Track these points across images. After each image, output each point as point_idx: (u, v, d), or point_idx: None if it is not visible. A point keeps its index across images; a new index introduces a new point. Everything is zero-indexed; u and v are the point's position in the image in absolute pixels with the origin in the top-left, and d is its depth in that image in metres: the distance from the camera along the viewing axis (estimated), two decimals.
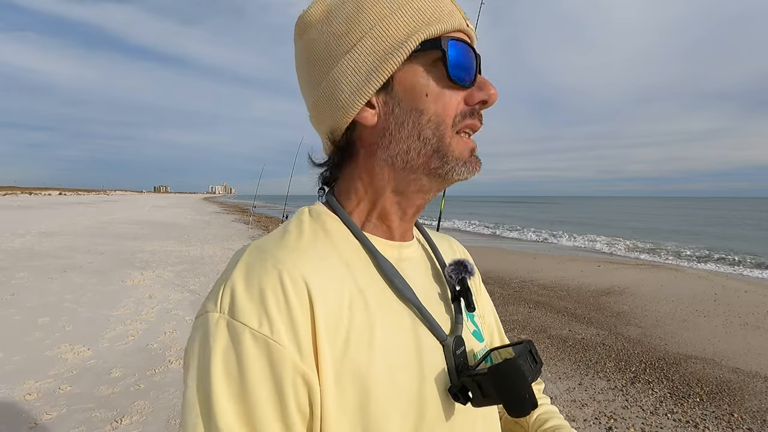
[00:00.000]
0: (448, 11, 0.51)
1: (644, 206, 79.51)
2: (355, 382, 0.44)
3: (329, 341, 0.43)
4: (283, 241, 0.49)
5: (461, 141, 0.52)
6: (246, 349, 0.40)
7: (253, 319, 0.41)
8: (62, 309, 5.03)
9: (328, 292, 0.45)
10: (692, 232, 23.10)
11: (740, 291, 7.59)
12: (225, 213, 30.50)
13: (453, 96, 0.50)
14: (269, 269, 0.44)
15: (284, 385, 0.41)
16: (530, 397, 0.46)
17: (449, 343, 0.52)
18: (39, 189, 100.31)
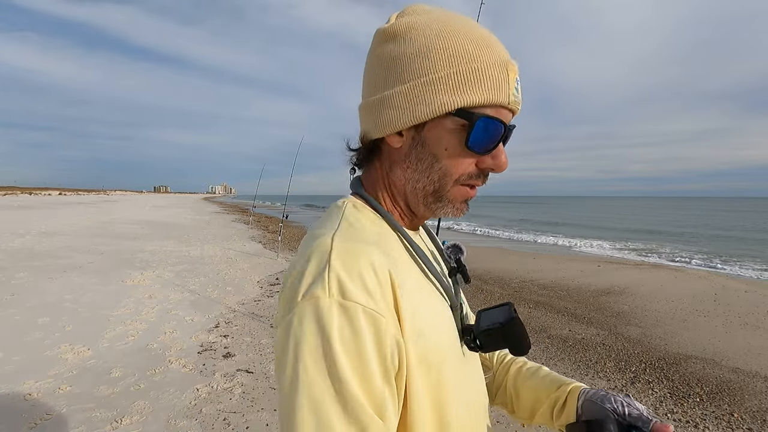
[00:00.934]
0: (496, 84, 0.55)
1: (644, 206, 79.50)
2: (422, 343, 0.54)
3: (407, 312, 0.53)
4: (358, 233, 0.57)
5: (460, 190, 0.61)
6: (360, 321, 0.48)
7: (361, 298, 0.49)
8: (62, 309, 5.03)
9: (401, 274, 0.55)
10: (692, 232, 23.10)
11: (740, 291, 7.59)
12: (225, 213, 30.49)
13: (467, 159, 0.58)
14: (362, 257, 0.52)
15: (386, 348, 0.49)
16: (528, 339, 0.61)
17: (457, 308, 0.65)
18: (39, 189, 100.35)
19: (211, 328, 4.65)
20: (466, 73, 0.55)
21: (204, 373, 3.53)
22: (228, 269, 8.13)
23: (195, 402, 3.06)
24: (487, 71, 0.55)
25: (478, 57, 0.55)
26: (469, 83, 0.55)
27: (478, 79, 0.55)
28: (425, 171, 0.59)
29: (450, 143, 0.57)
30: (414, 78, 0.57)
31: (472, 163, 0.59)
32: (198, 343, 4.21)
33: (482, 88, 0.55)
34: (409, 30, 0.58)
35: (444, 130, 0.57)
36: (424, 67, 0.56)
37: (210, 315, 5.13)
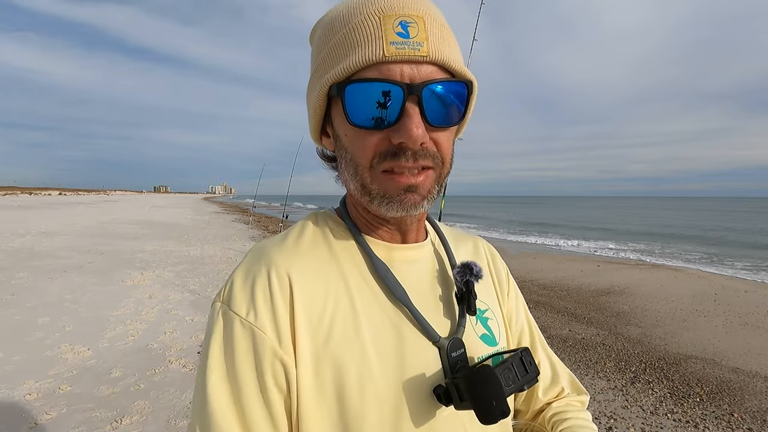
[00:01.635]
0: (364, 39, 0.47)
1: (644, 206, 79.51)
2: (333, 371, 0.48)
3: (308, 330, 0.48)
4: (281, 244, 0.55)
5: (388, 179, 0.50)
6: (235, 333, 0.48)
7: (242, 309, 0.48)
8: (62, 309, 5.03)
9: (312, 289, 0.50)
10: (692, 232, 23.10)
11: (740, 291, 7.59)
12: (225, 213, 30.48)
13: (369, 137, 0.49)
14: (261, 267, 0.51)
15: (264, 365, 0.47)
16: (498, 405, 0.46)
17: (443, 344, 0.53)
18: (39, 189, 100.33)
19: None
20: (330, 49, 0.50)
21: None
22: (228, 269, 8.12)
23: None
24: (347, 36, 0.48)
25: (342, 26, 0.49)
26: (331, 59, 0.49)
27: (341, 49, 0.48)
28: (347, 167, 0.53)
29: (344, 128, 0.51)
30: (314, 67, 0.54)
31: (378, 142, 0.49)
32: (198, 343, 4.21)
33: (345, 56, 0.48)
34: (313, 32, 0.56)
35: (337, 117, 0.52)
36: (318, 49, 0.54)
37: None
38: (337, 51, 0.49)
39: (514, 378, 0.50)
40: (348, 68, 0.47)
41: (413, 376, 0.51)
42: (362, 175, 0.51)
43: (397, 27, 0.46)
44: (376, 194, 0.51)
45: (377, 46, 0.46)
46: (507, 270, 0.72)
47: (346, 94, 0.47)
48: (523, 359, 0.52)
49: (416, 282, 0.57)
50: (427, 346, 0.53)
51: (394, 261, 0.57)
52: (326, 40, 0.51)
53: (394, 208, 0.51)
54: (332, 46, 0.50)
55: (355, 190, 0.53)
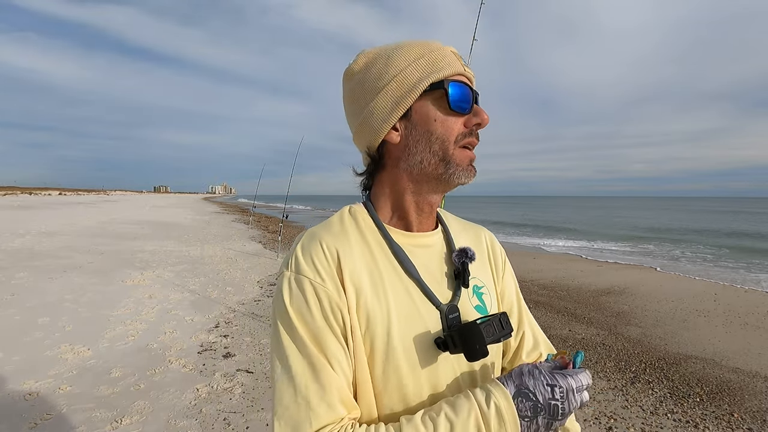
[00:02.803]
0: (449, 61, 0.70)
1: (644, 206, 79.49)
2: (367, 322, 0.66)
3: (353, 290, 0.66)
4: (328, 229, 0.72)
5: (462, 152, 0.70)
6: (306, 291, 0.65)
7: (309, 273, 0.66)
8: (62, 309, 5.03)
9: (351, 261, 0.68)
10: (693, 232, 23.10)
11: (740, 291, 7.59)
12: (225, 213, 30.49)
13: (455, 121, 0.70)
14: (317, 244, 0.68)
15: (331, 311, 0.64)
16: (480, 348, 0.64)
17: (443, 309, 0.70)
18: (39, 189, 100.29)
19: (211, 328, 4.65)
20: (425, 63, 0.70)
21: (204, 373, 3.53)
22: (228, 269, 8.13)
23: (195, 402, 3.06)
24: (438, 55, 0.70)
25: (429, 49, 0.71)
26: (429, 67, 0.69)
27: (435, 61, 0.70)
28: (426, 146, 0.70)
29: (437, 113, 0.69)
30: (390, 80, 0.70)
31: (461, 123, 0.70)
32: (198, 343, 4.21)
33: (440, 66, 0.69)
34: (373, 58, 0.73)
35: (428, 107, 0.70)
36: (393, 71, 0.70)
37: (210, 315, 5.13)
38: (432, 65, 0.69)
39: (493, 332, 0.66)
40: (448, 74, 0.69)
41: (421, 330, 0.68)
42: (447, 148, 0.69)
43: (459, 59, 0.73)
44: (454, 164, 0.70)
45: (457, 66, 0.71)
46: (504, 257, 0.89)
47: (451, 87, 0.68)
48: (501, 320, 0.68)
49: (427, 262, 0.74)
50: (431, 309, 0.70)
51: (411, 245, 0.73)
52: (410, 60, 0.70)
53: (465, 176, 0.71)
54: (426, 62, 0.70)
55: (433, 165, 0.70)
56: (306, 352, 0.63)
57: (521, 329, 0.85)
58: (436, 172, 0.70)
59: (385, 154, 0.74)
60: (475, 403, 0.61)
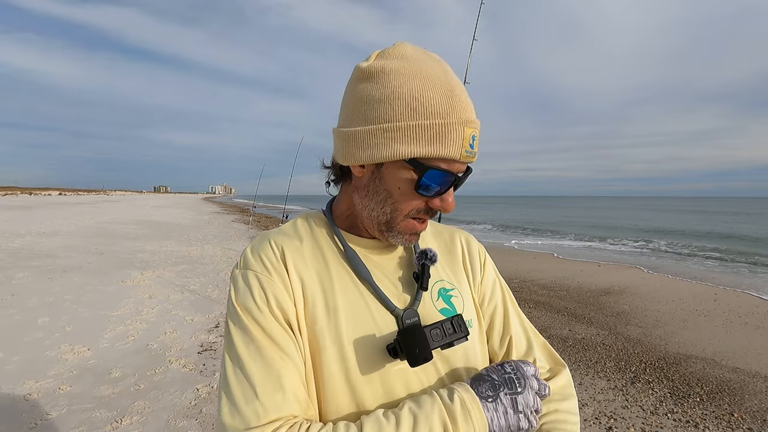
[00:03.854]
0: (452, 140, 0.61)
1: (644, 206, 79.49)
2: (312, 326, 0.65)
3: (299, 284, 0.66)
4: (278, 232, 0.73)
5: (409, 223, 0.68)
6: (251, 282, 0.65)
7: (257, 267, 0.66)
8: (62, 309, 5.03)
9: (299, 261, 0.68)
10: (693, 232, 23.10)
11: (740, 291, 7.59)
12: (225, 213, 30.49)
13: (416, 200, 0.65)
14: (265, 243, 0.70)
15: (273, 304, 0.64)
16: (421, 352, 0.61)
17: (399, 314, 0.67)
18: (39, 189, 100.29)
19: (211, 328, 4.65)
20: (424, 128, 0.60)
21: (204, 373, 3.53)
22: (228, 269, 8.12)
23: (195, 402, 3.06)
24: (443, 128, 0.60)
25: (438, 113, 0.60)
26: (424, 137, 0.61)
27: (434, 135, 0.61)
28: (380, 203, 0.67)
29: (403, 185, 0.64)
30: (379, 122, 0.62)
31: (422, 203, 0.66)
32: (198, 343, 4.21)
33: (436, 143, 0.61)
34: (383, 74, 0.63)
35: (399, 173, 0.64)
36: (388, 115, 0.62)
37: (210, 315, 5.13)
38: (427, 134, 0.61)
39: (442, 335, 0.64)
40: (434, 154, 0.61)
41: (372, 336, 0.65)
42: (395, 218, 0.67)
43: (470, 139, 0.62)
44: (395, 231, 0.68)
45: (457, 149, 0.61)
46: (484, 258, 0.84)
47: (428, 173, 0.62)
48: (452, 322, 0.65)
49: (383, 266, 0.72)
50: (386, 315, 0.67)
51: (368, 252, 0.72)
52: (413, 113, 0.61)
53: (399, 242, 0.69)
54: (423, 127, 0.61)
55: (376, 221, 0.68)
56: (255, 345, 0.61)
57: (508, 333, 0.78)
58: (379, 227, 0.69)
59: (349, 174, 0.72)
60: (437, 398, 0.60)
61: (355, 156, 0.65)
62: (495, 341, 0.78)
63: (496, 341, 0.78)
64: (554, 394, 0.73)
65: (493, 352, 0.78)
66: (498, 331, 0.78)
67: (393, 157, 0.62)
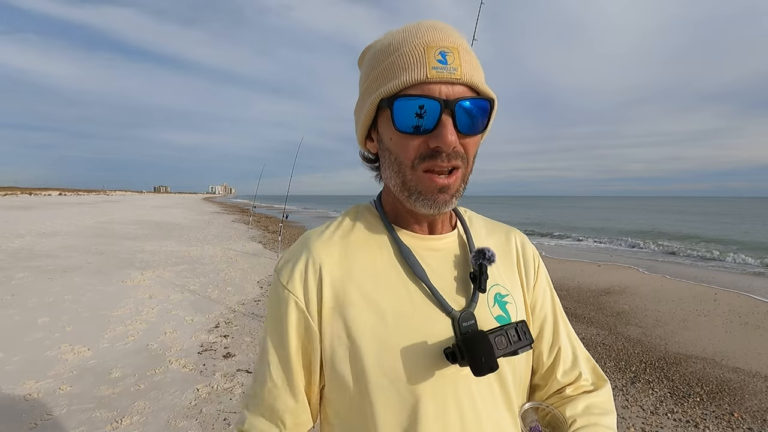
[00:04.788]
0: (411, 63, 0.59)
1: (644, 206, 79.48)
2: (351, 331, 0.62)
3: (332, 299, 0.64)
4: (321, 234, 0.69)
5: (426, 179, 0.61)
6: (279, 294, 0.66)
7: (284, 279, 0.66)
8: (62, 309, 5.03)
9: (338, 270, 0.65)
10: (693, 231, 23.10)
11: (740, 291, 7.59)
12: (225, 213, 30.48)
13: (410, 141, 0.60)
14: (302, 252, 0.67)
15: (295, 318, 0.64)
16: (487, 361, 0.57)
17: (455, 315, 0.63)
18: (39, 189, 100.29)
19: (211, 328, 4.65)
20: (382, 70, 0.62)
21: (204, 374, 3.53)
22: (228, 269, 8.13)
23: (195, 402, 3.06)
24: (399, 59, 0.60)
25: (390, 53, 0.61)
26: (384, 77, 0.61)
27: (391, 70, 0.60)
28: (390, 166, 0.64)
29: (390, 132, 0.62)
30: (363, 85, 0.66)
31: (418, 145, 0.60)
32: (198, 343, 4.21)
33: (396, 76, 0.59)
34: (362, 56, 0.69)
35: (385, 122, 0.63)
36: (366, 73, 0.66)
37: (210, 315, 5.13)
38: (388, 72, 0.61)
39: (507, 343, 0.60)
40: (397, 86, 0.59)
41: (424, 340, 0.62)
42: (404, 172, 0.62)
43: (438, 56, 0.58)
44: (414, 191, 0.62)
45: (421, 70, 0.58)
46: (538, 261, 0.79)
47: (395, 106, 0.59)
48: (517, 329, 0.62)
49: (438, 265, 0.68)
50: (441, 316, 0.64)
51: (420, 248, 0.68)
52: (377, 64, 0.63)
53: (427, 206, 0.62)
54: (383, 68, 0.61)
55: (395, 187, 0.64)
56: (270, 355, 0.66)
57: (557, 344, 0.75)
58: (402, 196, 0.64)
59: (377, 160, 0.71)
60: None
61: (358, 130, 0.69)
62: (544, 351, 0.75)
63: (545, 351, 0.75)
64: (595, 408, 0.71)
65: (540, 361, 0.75)
66: (547, 340, 0.76)
67: (370, 110, 0.63)
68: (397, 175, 0.63)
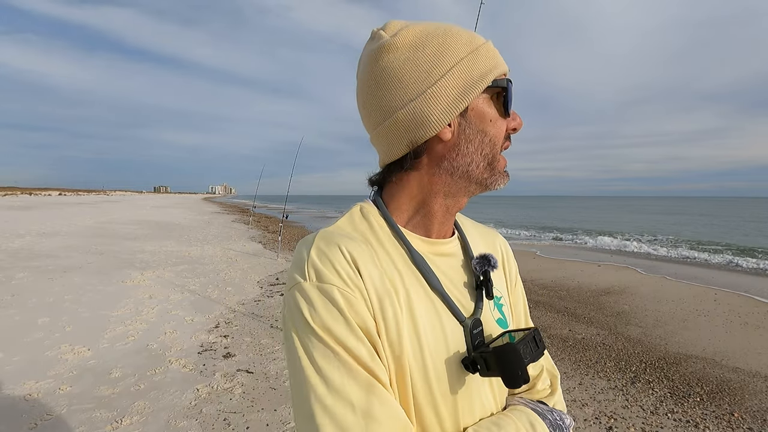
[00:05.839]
0: (501, 59, 0.65)
1: (643, 206, 79.47)
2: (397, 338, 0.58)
3: (376, 299, 0.58)
4: (342, 230, 0.64)
5: (502, 159, 0.66)
6: (335, 296, 0.56)
7: (337, 281, 0.57)
8: (62, 309, 5.03)
9: (372, 268, 0.60)
10: (693, 232, 23.10)
11: (740, 291, 7.59)
12: (225, 213, 30.48)
13: (503, 123, 0.65)
14: (334, 247, 0.59)
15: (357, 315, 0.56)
16: (522, 374, 0.57)
17: (467, 324, 0.64)
18: (39, 189, 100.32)
19: (211, 328, 4.65)
20: (484, 53, 0.63)
21: (204, 374, 3.53)
22: (228, 269, 8.13)
23: (195, 402, 3.06)
24: (492, 50, 0.64)
25: (478, 44, 0.63)
26: (490, 61, 0.63)
27: (493, 56, 0.64)
28: (478, 147, 0.64)
29: (492, 113, 0.64)
30: (451, 66, 0.61)
31: (506, 128, 0.65)
32: (198, 343, 4.21)
33: (497, 60, 0.64)
34: (418, 32, 0.63)
35: (485, 105, 0.64)
36: (453, 56, 0.62)
37: (210, 315, 5.13)
38: (492, 60, 0.63)
39: (530, 352, 0.60)
40: (505, 71, 0.64)
41: (447, 348, 0.62)
42: (495, 154, 0.65)
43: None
44: (496, 170, 0.65)
45: (504, 64, 0.65)
46: (516, 266, 0.83)
47: (509, 87, 0.64)
48: (535, 337, 0.62)
49: (448, 272, 0.68)
50: (455, 325, 0.64)
51: (431, 253, 0.67)
52: (469, 48, 0.62)
53: (501, 183, 0.67)
54: (485, 55, 0.63)
55: (477, 168, 0.65)
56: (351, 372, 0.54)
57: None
58: (482, 176, 0.65)
59: (426, 150, 0.65)
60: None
61: (437, 119, 0.61)
62: None
63: None
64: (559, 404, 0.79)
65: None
66: None
67: (480, 87, 0.62)
68: (489, 155, 0.65)
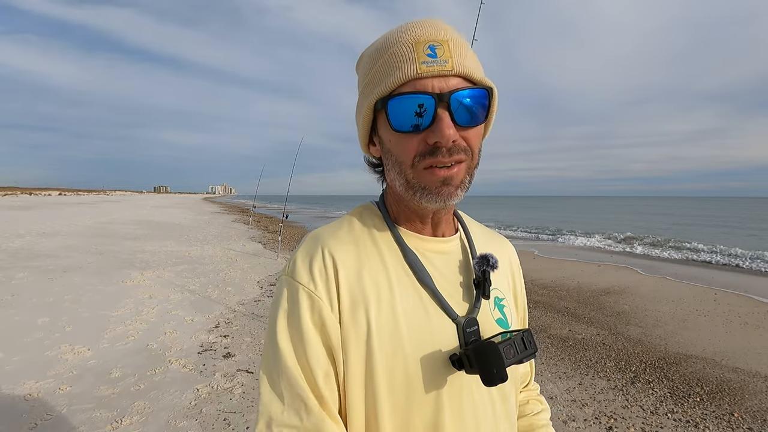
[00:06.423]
0: (400, 62, 0.59)
1: (644, 206, 79.48)
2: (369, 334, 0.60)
3: (349, 301, 0.61)
4: (334, 233, 0.67)
5: (428, 174, 0.60)
6: (299, 297, 0.61)
7: (304, 279, 0.62)
8: (62, 309, 5.03)
9: (355, 270, 0.63)
10: (693, 232, 23.10)
11: (740, 291, 7.59)
12: (225, 213, 30.48)
13: (409, 140, 0.60)
14: (318, 249, 0.64)
15: (319, 320, 0.60)
16: (498, 372, 0.57)
17: (460, 322, 0.64)
18: (39, 189, 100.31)
19: (211, 328, 4.65)
20: (375, 72, 0.62)
21: (204, 374, 3.53)
22: (228, 269, 8.13)
23: (195, 402, 3.06)
24: (390, 58, 0.60)
25: (382, 54, 0.62)
26: (377, 79, 0.61)
27: (383, 71, 0.61)
28: (393, 168, 0.64)
29: (388, 134, 0.62)
30: (360, 90, 0.67)
31: (418, 143, 0.60)
32: (198, 343, 4.21)
33: (387, 75, 0.60)
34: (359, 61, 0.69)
35: (383, 126, 0.63)
36: (359, 87, 0.67)
37: (210, 315, 5.13)
38: (380, 73, 0.61)
39: (515, 353, 0.61)
40: (389, 86, 0.59)
41: (434, 345, 0.62)
42: (405, 172, 0.62)
43: (427, 50, 0.58)
44: (418, 188, 0.61)
45: (411, 67, 0.58)
46: (521, 273, 0.85)
47: (389, 106, 0.59)
48: (523, 338, 0.63)
49: (442, 269, 0.68)
50: (447, 323, 0.64)
51: (425, 251, 0.68)
52: (371, 66, 0.63)
53: (433, 200, 0.61)
54: (376, 70, 0.62)
55: (400, 186, 0.64)
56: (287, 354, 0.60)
57: None
58: (407, 194, 0.64)
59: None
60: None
61: (361, 141, 0.69)
62: None
63: None
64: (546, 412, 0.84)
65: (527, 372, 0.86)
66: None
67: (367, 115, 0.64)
68: (400, 175, 0.62)
